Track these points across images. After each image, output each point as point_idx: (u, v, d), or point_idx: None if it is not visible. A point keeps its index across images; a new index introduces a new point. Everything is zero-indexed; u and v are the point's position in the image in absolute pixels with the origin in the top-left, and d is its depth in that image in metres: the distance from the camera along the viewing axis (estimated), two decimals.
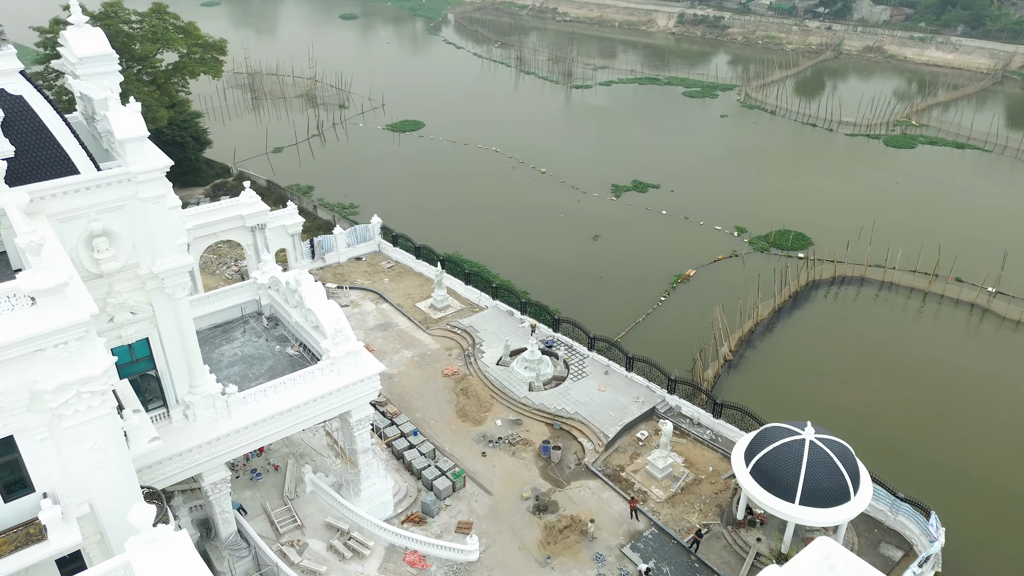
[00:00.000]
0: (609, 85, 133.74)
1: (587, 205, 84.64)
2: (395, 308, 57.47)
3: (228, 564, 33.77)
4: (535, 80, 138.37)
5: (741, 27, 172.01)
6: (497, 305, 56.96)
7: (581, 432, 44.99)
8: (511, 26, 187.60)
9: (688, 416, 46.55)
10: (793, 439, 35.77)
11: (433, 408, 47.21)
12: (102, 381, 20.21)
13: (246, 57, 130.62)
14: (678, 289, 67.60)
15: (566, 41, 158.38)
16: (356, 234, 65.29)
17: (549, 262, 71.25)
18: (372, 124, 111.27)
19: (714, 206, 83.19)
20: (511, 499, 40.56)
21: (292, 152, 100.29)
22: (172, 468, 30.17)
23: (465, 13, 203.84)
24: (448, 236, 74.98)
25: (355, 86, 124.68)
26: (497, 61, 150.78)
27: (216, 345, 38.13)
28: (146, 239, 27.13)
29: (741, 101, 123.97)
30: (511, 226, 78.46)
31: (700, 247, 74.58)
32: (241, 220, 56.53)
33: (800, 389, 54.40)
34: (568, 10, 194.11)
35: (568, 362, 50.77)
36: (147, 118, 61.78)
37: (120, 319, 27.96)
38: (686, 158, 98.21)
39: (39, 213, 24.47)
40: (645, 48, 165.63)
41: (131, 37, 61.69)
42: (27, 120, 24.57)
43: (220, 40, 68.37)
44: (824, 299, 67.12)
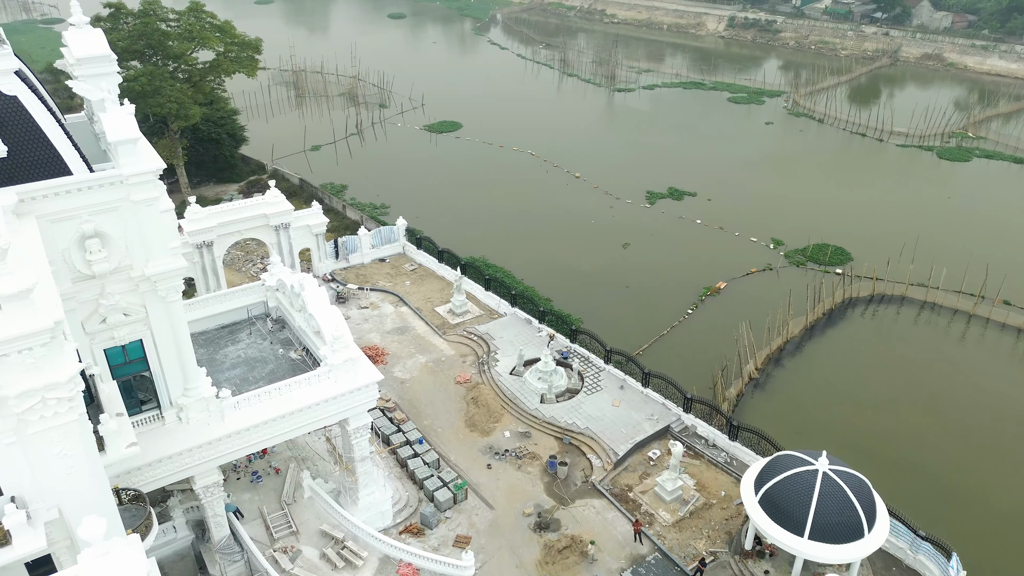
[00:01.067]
0: (652, 89, 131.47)
1: (619, 212, 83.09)
2: (414, 311, 57.05)
3: (220, 568, 33.67)
4: (577, 82, 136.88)
5: (794, 31, 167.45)
6: (516, 313, 56.07)
7: (590, 448, 43.79)
8: (558, 27, 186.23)
9: (703, 437, 44.94)
10: (805, 469, 34.02)
11: (442, 416, 46.57)
12: (68, 388, 20.00)
13: (291, 55, 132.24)
14: (707, 302, 65.70)
15: (611, 43, 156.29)
16: (381, 236, 65.15)
17: (575, 269, 70.04)
18: (411, 124, 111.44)
19: (752, 217, 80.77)
20: (513, 514, 39.64)
21: (330, 150, 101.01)
22: (163, 470, 30.15)
23: (512, 14, 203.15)
24: (475, 239, 74.45)
25: (396, 85, 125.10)
26: (541, 63, 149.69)
27: (221, 346, 38.14)
28: (139, 241, 27.05)
29: (788, 108, 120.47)
30: (540, 231, 77.45)
31: (733, 259, 72.41)
32: (265, 219, 56.90)
33: (827, 413, 52.14)
34: (616, 12, 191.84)
35: (583, 375, 49.59)
36: (179, 115, 62.96)
37: (113, 320, 28.01)
38: (726, 166, 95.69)
39: (29, 214, 24.53)
40: (693, 51, 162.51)
41: (166, 35, 62.68)
42: (21, 120, 24.63)
43: (256, 39, 68.97)
44: (861, 318, 64.43)
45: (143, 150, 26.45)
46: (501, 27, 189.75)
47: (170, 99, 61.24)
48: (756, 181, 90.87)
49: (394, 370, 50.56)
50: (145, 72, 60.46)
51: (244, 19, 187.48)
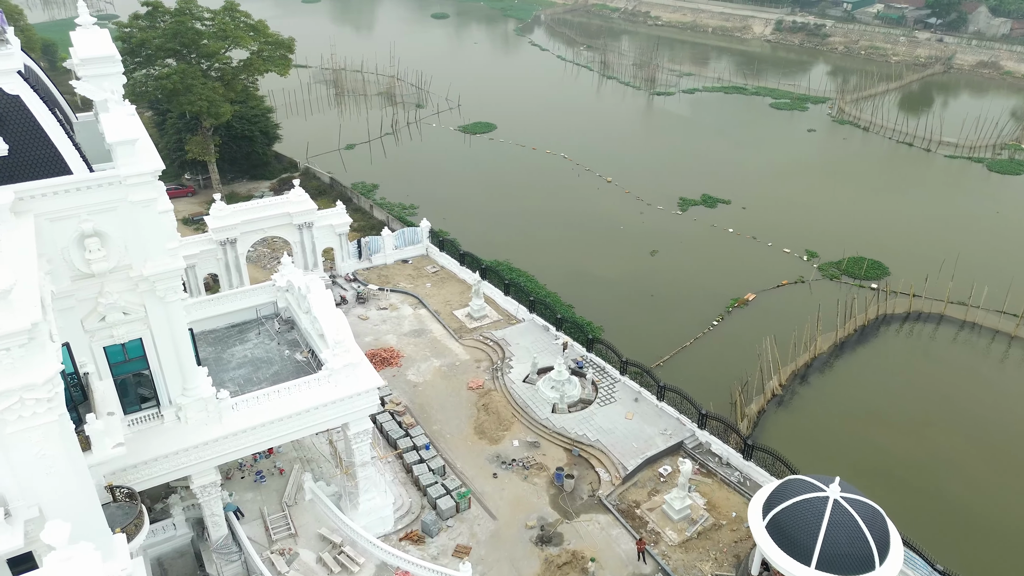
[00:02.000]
0: (692, 93, 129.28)
1: (650, 218, 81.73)
2: (432, 314, 56.80)
3: (216, 567, 33.78)
4: (616, 85, 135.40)
5: (843, 36, 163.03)
6: (534, 319, 55.37)
7: (599, 461, 42.88)
8: (601, 29, 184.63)
9: (717, 455, 43.63)
10: (815, 496, 32.62)
11: (452, 422, 46.14)
12: (46, 389, 20.02)
13: (332, 54, 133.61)
14: (734, 313, 64.09)
15: (652, 45, 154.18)
16: (404, 237, 65.08)
17: (600, 276, 69.05)
18: (445, 124, 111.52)
19: (786, 227, 78.64)
20: (515, 526, 38.99)
21: (364, 149, 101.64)
22: (159, 469, 30.30)
23: (556, 15, 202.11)
24: (501, 242, 74.02)
25: (434, 85, 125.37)
26: (580, 64, 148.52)
27: (229, 345, 38.34)
28: (138, 241, 27.18)
29: (833, 115, 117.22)
30: (566, 236, 76.61)
31: (764, 270, 70.56)
32: (289, 217, 57.29)
33: (852, 434, 50.28)
34: (661, 14, 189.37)
35: (598, 385, 48.65)
36: (210, 113, 63.72)
37: (112, 319, 28.21)
38: (763, 174, 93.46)
39: (28, 212, 24.78)
40: (737, 55, 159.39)
41: (199, 34, 63.62)
42: (22, 119, 24.91)
43: (288, 39, 69.58)
44: (895, 336, 62.10)
45: (143, 151, 26.55)
46: (543, 28, 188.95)
47: (201, 97, 62.16)
48: (793, 190, 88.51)
49: (408, 373, 50.36)
50: (178, 70, 61.47)
51: (291, 18, 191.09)
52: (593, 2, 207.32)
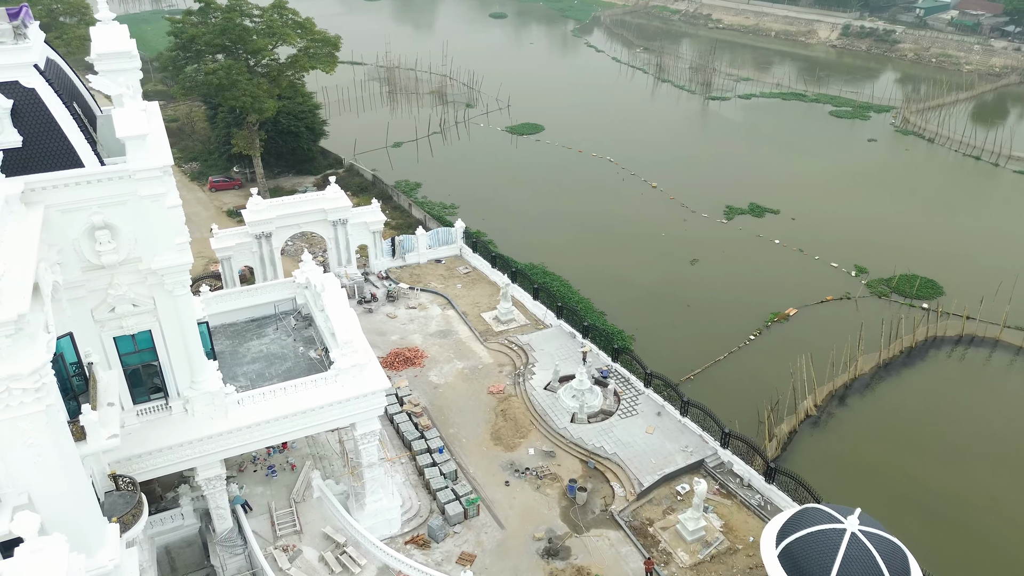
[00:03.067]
0: (748, 98, 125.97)
1: (693, 225, 79.79)
2: (460, 315, 56.51)
3: (220, 559, 34.09)
4: (671, 88, 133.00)
5: (913, 43, 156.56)
6: (561, 325, 54.52)
7: (615, 475, 41.83)
8: (660, 31, 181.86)
9: (739, 475, 42.07)
10: (832, 527, 30.92)
11: (469, 426, 45.72)
12: (32, 379, 20.29)
13: (387, 52, 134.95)
14: (772, 328, 61.92)
15: (710, 49, 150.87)
16: (438, 237, 64.99)
17: (636, 283, 67.65)
18: (494, 125, 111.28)
19: (836, 240, 75.73)
20: (523, 537, 38.30)
21: (411, 147, 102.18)
22: (163, 460, 30.69)
23: (615, 16, 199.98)
24: (538, 245, 73.33)
25: (485, 85, 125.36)
26: (635, 67, 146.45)
27: (247, 339, 38.71)
28: (147, 235, 27.50)
29: (896, 125, 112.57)
30: (605, 241, 75.36)
31: (809, 284, 68.03)
32: (324, 214, 57.79)
33: (889, 462, 47.89)
34: (722, 17, 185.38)
35: (620, 396, 47.53)
36: (253, 108, 64.82)
37: (121, 310, 28.65)
38: (817, 184, 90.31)
39: (38, 203, 25.29)
40: (800, 61, 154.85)
41: (246, 30, 64.78)
42: (37, 112, 25.42)
43: (335, 37, 70.25)
44: (945, 360, 59.02)
45: (153, 146, 26.81)
46: (601, 29, 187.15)
47: (245, 92, 63.28)
48: (847, 202, 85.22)
49: (430, 374, 50.17)
50: (223, 66, 62.72)
51: (353, 15, 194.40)
52: (653, 4, 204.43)
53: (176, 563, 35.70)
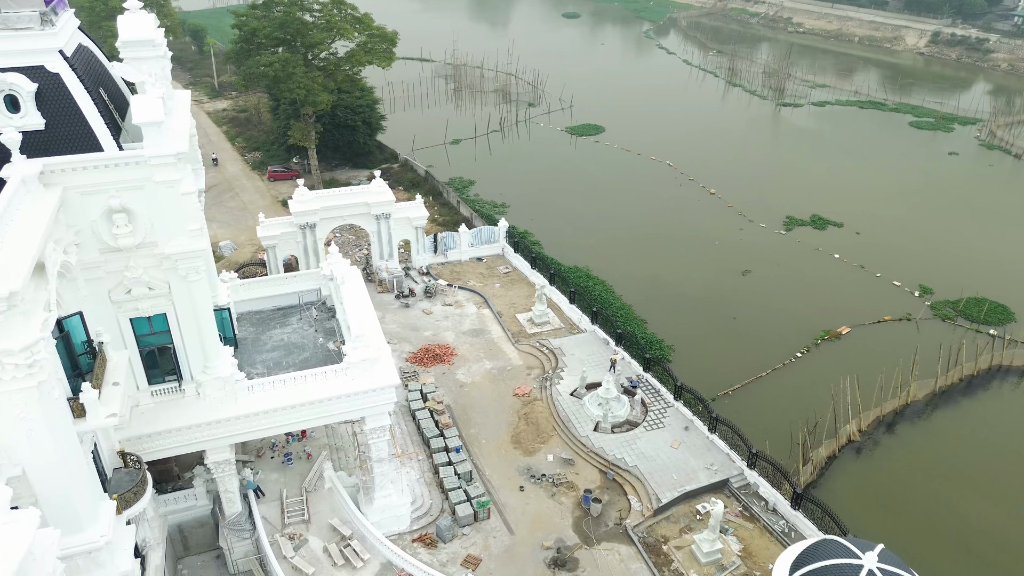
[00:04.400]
0: (823, 106, 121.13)
1: (749, 235, 77.06)
2: (494, 315, 56.09)
3: (227, 542, 34.65)
4: (741, 93, 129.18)
5: (1008, 52, 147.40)
6: (595, 331, 53.42)
7: (633, 489, 40.60)
8: (738, 34, 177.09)
9: (764, 499, 40.18)
10: (848, 562, 28.94)
11: (490, 427, 45.24)
12: (23, 356, 20.85)
13: (454, 49, 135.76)
14: (822, 347, 59.08)
15: (784, 53, 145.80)
16: (481, 235, 64.77)
17: (682, 292, 65.72)
18: (554, 124, 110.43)
19: (902, 257, 71.80)
20: (531, 544, 37.57)
21: (470, 145, 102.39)
22: (173, 441, 31.34)
23: (691, 17, 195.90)
24: (585, 247, 72.23)
25: (549, 85, 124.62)
26: (707, 70, 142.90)
27: (270, 327, 39.25)
28: (162, 220, 28.07)
29: (981, 139, 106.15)
30: (655, 247, 73.58)
31: (867, 302, 64.65)
32: (367, 207, 58.38)
33: (933, 496, 44.94)
34: (804, 20, 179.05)
35: (649, 408, 46.15)
36: (307, 101, 65.98)
37: (137, 292, 29.37)
38: (887, 197, 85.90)
39: (57, 184, 26.11)
40: (883, 68, 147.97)
41: (305, 24, 66.03)
42: (60, 97, 26.24)
43: (392, 32, 70.81)
44: (1010, 391, 55.10)
45: (171, 133, 27.33)
46: (675, 31, 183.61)
47: (300, 85, 64.49)
48: (918, 218, 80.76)
49: (457, 372, 49.94)
50: (279, 59, 64.08)
51: (429, 12, 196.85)
52: (732, 6, 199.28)
53: (189, 542, 36.52)
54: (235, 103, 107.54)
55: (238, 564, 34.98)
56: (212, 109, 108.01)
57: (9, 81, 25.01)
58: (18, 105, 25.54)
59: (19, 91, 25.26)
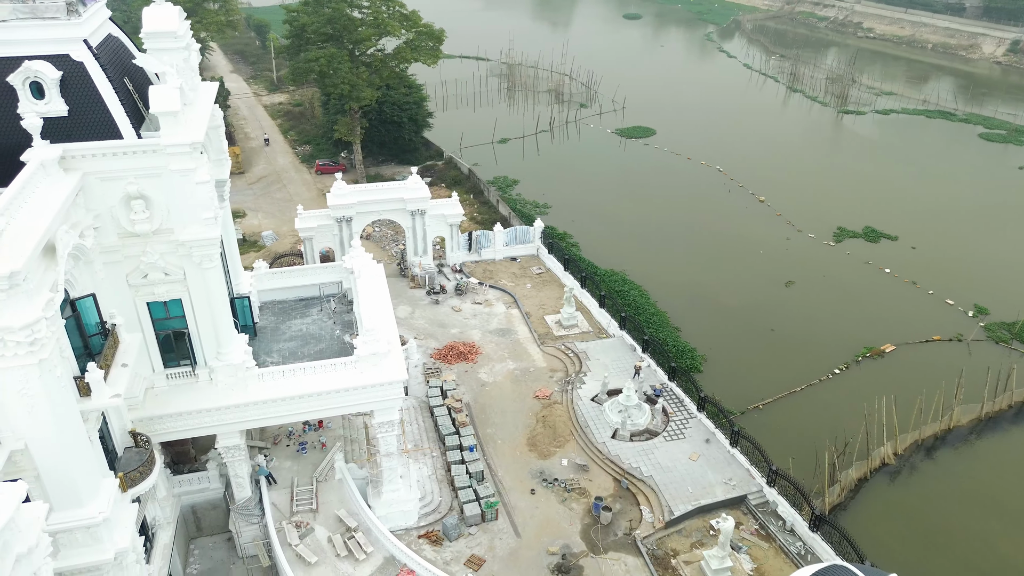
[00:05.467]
0: (887, 114, 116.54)
1: (796, 245, 74.68)
2: (522, 316, 55.78)
3: (235, 526, 35.33)
4: (802, 99, 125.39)
5: None
6: (623, 336, 52.55)
7: (646, 499, 39.75)
8: (803, 39, 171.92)
9: (783, 518, 38.79)
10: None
11: (507, 428, 44.97)
12: (24, 333, 21.56)
13: (510, 49, 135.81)
14: (863, 364, 56.80)
15: (850, 58, 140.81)
16: (516, 235, 64.54)
17: (720, 301, 64.10)
18: (604, 126, 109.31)
19: (958, 275, 68.45)
20: (537, 548, 37.16)
21: (518, 144, 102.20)
22: (183, 424, 32.09)
23: (757, 20, 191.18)
24: (624, 251, 71.24)
25: (603, 86, 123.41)
26: (767, 75, 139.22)
27: (290, 317, 39.88)
28: (178, 208, 28.74)
29: None
30: (696, 253, 72.02)
31: (916, 320, 61.87)
32: (402, 203, 58.86)
33: (968, 527, 42.64)
34: (874, 26, 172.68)
35: (670, 417, 45.13)
36: (351, 96, 66.87)
37: (153, 277, 30.17)
38: (947, 212, 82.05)
39: (77, 170, 27.01)
40: (957, 76, 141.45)
41: (352, 20, 66.90)
42: (83, 85, 27.15)
43: (439, 30, 71.17)
44: None
45: (187, 123, 27.94)
46: (739, 34, 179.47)
47: (344, 80, 65.42)
48: (979, 234, 76.85)
49: (480, 371, 49.83)
50: (325, 54, 65.10)
51: (491, 11, 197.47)
52: (800, 10, 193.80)
53: (202, 523, 37.40)
54: (291, 97, 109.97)
55: (245, 548, 35.68)
56: (269, 102, 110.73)
57: (34, 68, 25.98)
58: (43, 92, 26.50)
59: (43, 78, 26.21)
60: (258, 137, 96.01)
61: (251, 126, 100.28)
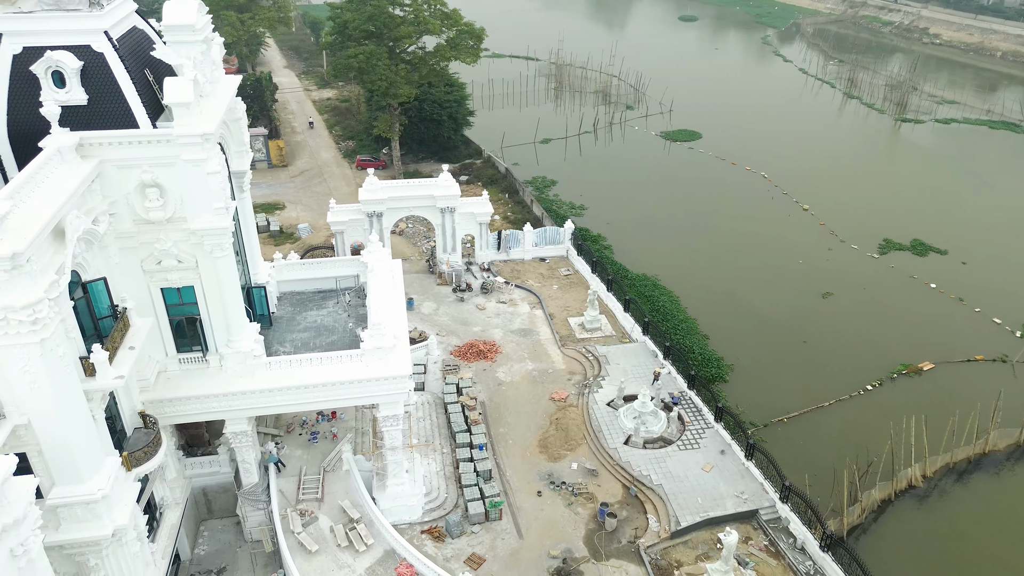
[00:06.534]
0: (948, 124, 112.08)
1: (838, 256, 72.44)
2: (546, 317, 55.51)
3: (242, 510, 36.08)
4: (858, 106, 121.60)
5: None
6: (646, 342, 51.80)
7: (654, 508, 39.10)
8: (865, 44, 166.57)
9: (794, 535, 37.66)
10: None
11: (520, 428, 44.83)
12: (25, 313, 22.36)
13: (559, 49, 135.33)
14: (898, 381, 54.75)
15: (911, 64, 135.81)
16: (545, 235, 64.25)
17: (753, 310, 62.61)
18: (649, 128, 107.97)
19: (1008, 293, 65.39)
20: (538, 551, 36.94)
21: (560, 145, 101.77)
22: (191, 408, 32.93)
23: (818, 24, 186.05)
24: (658, 256, 70.23)
25: (651, 88, 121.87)
26: (823, 80, 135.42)
27: (307, 308, 40.48)
28: (190, 197, 29.47)
29: None
30: (732, 261, 70.46)
31: (958, 338, 59.36)
32: (432, 200, 59.27)
33: (1001, 559, 40.63)
34: (941, 32, 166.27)
35: (687, 426, 44.28)
36: (388, 93, 67.57)
37: (167, 264, 31.00)
38: (1004, 227, 78.45)
39: (94, 157, 27.94)
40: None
41: (393, 18, 67.55)
42: (103, 75, 28.05)
43: (480, 28, 71.29)
44: None
45: (200, 114, 28.61)
46: (798, 38, 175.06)
47: (381, 77, 66.14)
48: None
49: (498, 371, 49.78)
50: (364, 51, 65.90)
51: (548, 11, 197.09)
52: (864, 14, 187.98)
53: (212, 506, 38.27)
54: (339, 93, 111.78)
55: (251, 532, 36.38)
56: (318, 98, 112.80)
57: (56, 58, 26.96)
58: (64, 81, 27.48)
59: (65, 68, 27.17)
60: (305, 131, 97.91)
61: (298, 120, 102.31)
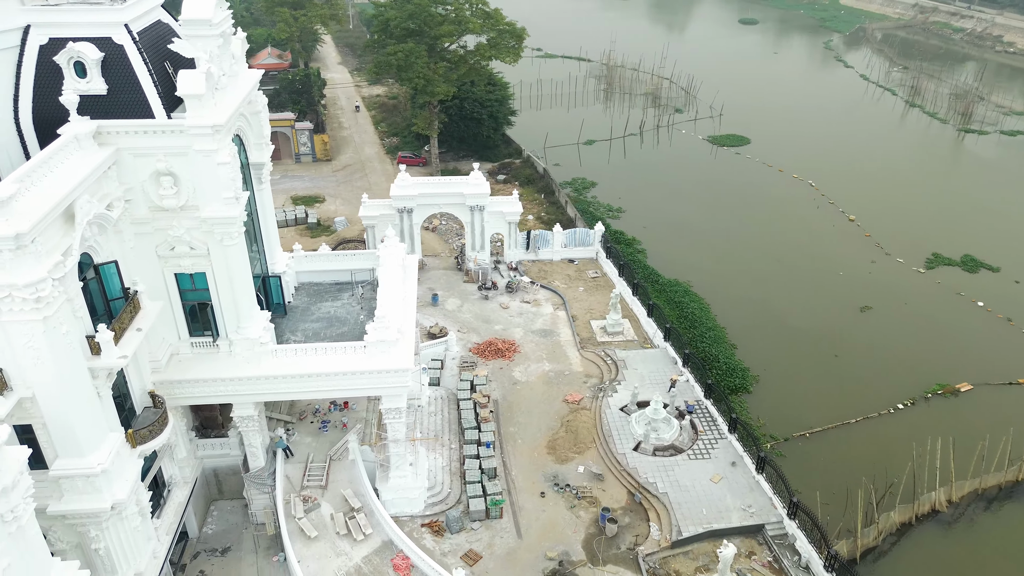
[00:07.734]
0: (1014, 135, 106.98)
1: (881, 269, 69.99)
2: (568, 319, 55.28)
3: (248, 493, 37.07)
4: (919, 115, 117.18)
5: None
6: (667, 348, 51.08)
7: (657, 516, 38.56)
8: (934, 50, 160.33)
9: (800, 553, 36.64)
10: None
11: (530, 428, 44.79)
12: (28, 291, 23.46)
13: (610, 51, 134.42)
14: (932, 401, 52.63)
15: (980, 73, 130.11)
16: (575, 237, 63.95)
17: (786, 321, 61.04)
18: (697, 133, 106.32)
19: None
20: (536, 552, 36.88)
21: (604, 147, 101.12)
22: (199, 391, 34.03)
23: (885, 29, 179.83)
24: (693, 262, 69.11)
25: (702, 91, 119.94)
26: (885, 87, 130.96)
27: (322, 299, 41.30)
28: (202, 186, 30.45)
29: None
30: (770, 270, 68.82)
31: (1002, 360, 56.69)
32: (462, 198, 59.72)
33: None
34: (1016, 40, 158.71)
35: (699, 435, 43.51)
36: (425, 91, 68.30)
37: (179, 251, 32.10)
38: None
39: (111, 145, 29.12)
40: None
41: (433, 16, 68.14)
42: (122, 66, 29.22)
43: (521, 28, 71.29)
44: None
45: (212, 107, 29.51)
46: (863, 43, 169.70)
47: (419, 75, 66.86)
48: None
49: (514, 370, 49.83)
50: (403, 49, 66.70)
51: (608, 11, 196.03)
52: (934, 19, 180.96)
53: (223, 487, 39.46)
54: (388, 90, 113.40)
55: (256, 515, 37.35)
56: (368, 94, 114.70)
57: (78, 49, 28.20)
58: (85, 71, 28.72)
59: (86, 59, 28.41)
60: (351, 126, 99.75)
61: (346, 116, 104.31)
